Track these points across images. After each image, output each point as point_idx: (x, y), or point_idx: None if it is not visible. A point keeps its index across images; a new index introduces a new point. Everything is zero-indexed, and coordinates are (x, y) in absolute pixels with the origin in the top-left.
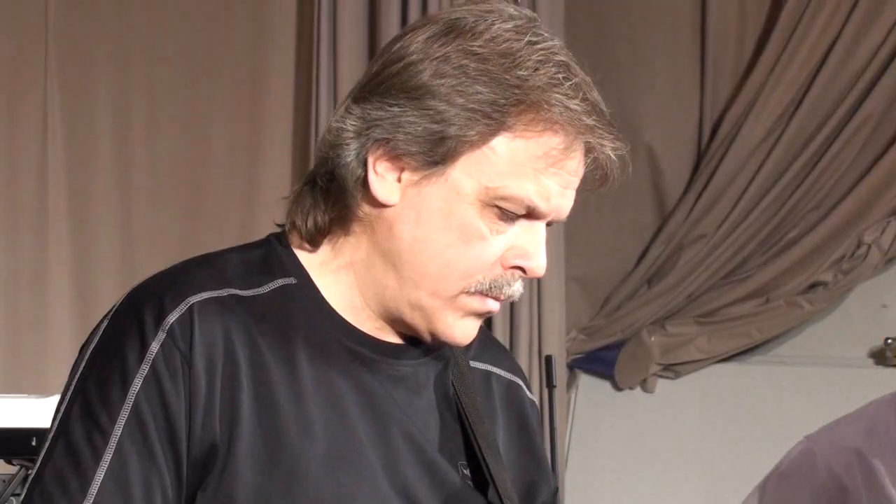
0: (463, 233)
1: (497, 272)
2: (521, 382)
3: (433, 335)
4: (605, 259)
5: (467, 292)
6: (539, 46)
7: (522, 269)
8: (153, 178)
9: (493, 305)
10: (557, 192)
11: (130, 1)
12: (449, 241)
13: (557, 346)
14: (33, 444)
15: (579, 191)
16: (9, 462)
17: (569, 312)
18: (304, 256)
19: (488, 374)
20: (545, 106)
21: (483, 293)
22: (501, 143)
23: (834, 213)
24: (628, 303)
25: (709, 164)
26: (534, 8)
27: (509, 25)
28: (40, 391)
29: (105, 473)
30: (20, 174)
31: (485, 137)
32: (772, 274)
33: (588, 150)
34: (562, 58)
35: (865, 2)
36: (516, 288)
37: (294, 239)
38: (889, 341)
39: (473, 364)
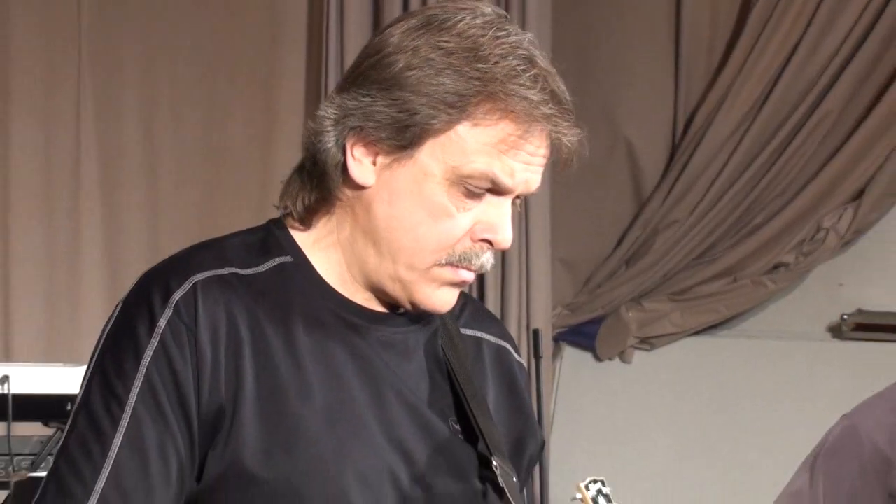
0: (431, 210)
1: (466, 245)
2: (509, 347)
3: (413, 305)
4: (588, 242)
5: (439, 264)
6: (503, 40)
7: (490, 242)
8: (177, 167)
9: (466, 276)
10: (521, 168)
11: (157, 6)
12: (419, 218)
13: (544, 321)
14: (67, 408)
15: (563, 181)
16: (45, 425)
17: (554, 290)
18: (298, 236)
19: (479, 340)
20: (502, 96)
21: (454, 265)
22: (463, 130)
23: (795, 201)
24: (608, 282)
25: (682, 157)
26: (523, 18)
27: (479, 21)
28: (74, 360)
29: (122, 438)
30: (56, 163)
31: (448, 124)
32: (739, 256)
33: (548, 135)
34: (524, 51)
35: (825, 10)
36: (486, 259)
37: (289, 221)
38: (845, 317)
39: (464, 331)
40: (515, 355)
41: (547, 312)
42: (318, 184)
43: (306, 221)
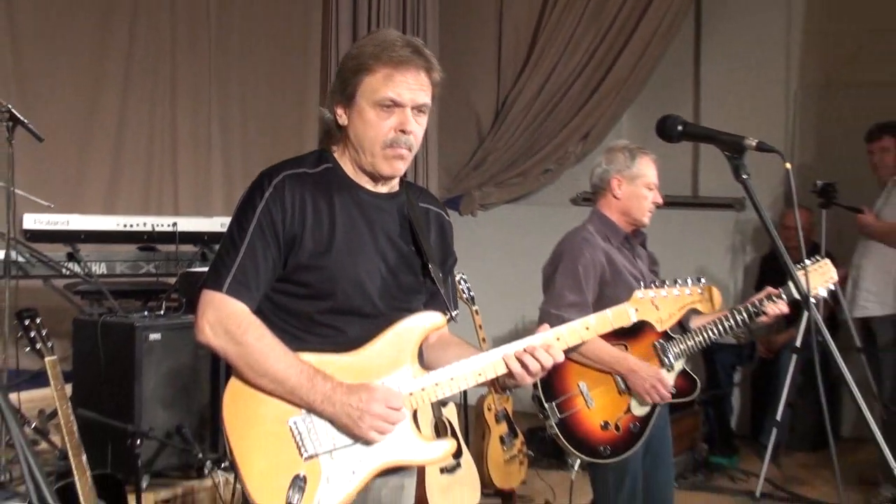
0: (372, 124)
1: (393, 135)
2: (443, 212)
3: (380, 173)
4: (456, 157)
5: (384, 147)
6: (395, 39)
7: (404, 131)
8: (261, 124)
9: (401, 151)
10: (405, 90)
11: (249, 42)
12: (366, 129)
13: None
14: (204, 238)
15: (445, 128)
16: (195, 246)
17: (439, 180)
18: (334, 155)
19: (427, 209)
20: (385, 57)
21: (391, 146)
22: (371, 79)
23: (556, 139)
24: (466, 177)
25: (501, 117)
26: (424, 38)
27: (388, 35)
28: (209, 214)
29: (245, 249)
30: (198, 120)
31: (364, 78)
32: (528, 165)
33: (418, 70)
34: (404, 40)
35: (573, 42)
36: (407, 141)
37: (329, 149)
38: (578, 194)
39: (420, 204)
40: (446, 216)
41: (436, 191)
42: (331, 131)
43: (333, 149)
